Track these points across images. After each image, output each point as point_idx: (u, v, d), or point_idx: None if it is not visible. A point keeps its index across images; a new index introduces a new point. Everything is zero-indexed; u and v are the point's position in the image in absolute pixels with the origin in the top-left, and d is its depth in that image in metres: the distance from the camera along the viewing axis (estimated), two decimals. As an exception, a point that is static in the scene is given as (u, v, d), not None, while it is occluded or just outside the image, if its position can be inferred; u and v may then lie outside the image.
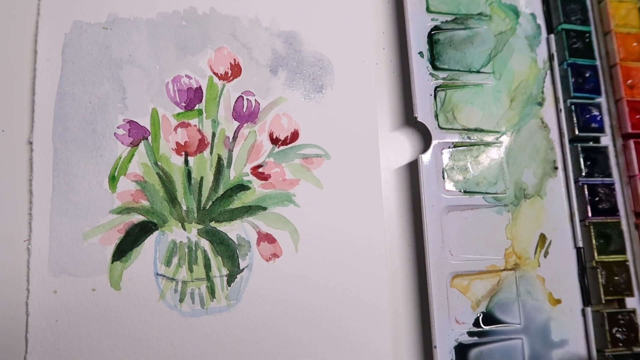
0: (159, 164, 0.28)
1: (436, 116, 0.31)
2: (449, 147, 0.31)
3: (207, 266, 0.28)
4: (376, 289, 0.29)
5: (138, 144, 0.28)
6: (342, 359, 0.28)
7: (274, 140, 0.30)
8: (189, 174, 0.29)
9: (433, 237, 0.29)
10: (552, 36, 0.33)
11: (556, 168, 0.32)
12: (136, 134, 0.28)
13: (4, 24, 0.29)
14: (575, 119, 0.32)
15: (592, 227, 0.30)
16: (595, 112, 0.32)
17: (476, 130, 0.31)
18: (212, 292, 0.28)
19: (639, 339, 0.29)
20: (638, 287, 0.31)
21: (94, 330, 0.26)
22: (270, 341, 0.28)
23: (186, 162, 0.29)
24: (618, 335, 0.29)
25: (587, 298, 0.30)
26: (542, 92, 0.33)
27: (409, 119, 0.32)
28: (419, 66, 0.31)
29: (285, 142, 0.30)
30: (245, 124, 0.30)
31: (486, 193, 0.30)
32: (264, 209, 0.29)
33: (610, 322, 0.29)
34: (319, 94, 0.31)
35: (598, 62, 0.33)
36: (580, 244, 0.31)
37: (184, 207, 0.28)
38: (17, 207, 0.27)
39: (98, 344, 0.26)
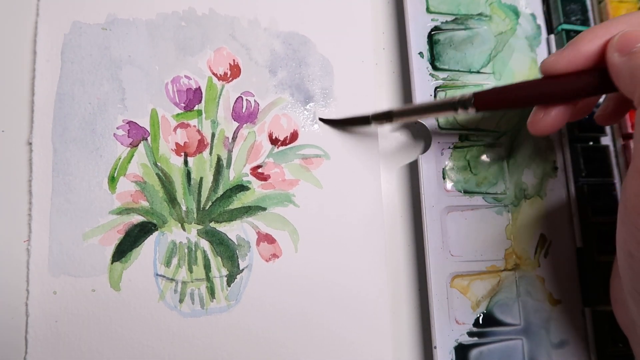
0: (159, 164, 0.28)
1: (436, 116, 0.31)
2: (449, 147, 0.31)
3: (207, 266, 0.28)
4: (376, 289, 0.29)
5: (137, 145, 0.28)
6: (342, 359, 0.28)
7: (274, 141, 0.30)
8: (188, 174, 0.29)
9: (433, 237, 0.29)
10: (552, 36, 0.33)
11: (556, 168, 0.32)
12: (135, 135, 0.28)
13: (3, 24, 0.29)
14: (575, 118, 0.32)
15: (593, 227, 0.30)
16: (596, 112, 0.32)
17: (476, 130, 0.31)
18: (211, 292, 0.28)
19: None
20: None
21: (93, 331, 0.26)
22: (270, 341, 0.28)
23: (186, 162, 0.29)
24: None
25: (587, 298, 0.30)
26: (542, 92, 0.33)
27: (408, 119, 0.32)
28: (419, 66, 0.31)
29: (284, 143, 0.30)
30: (245, 125, 0.30)
31: (486, 193, 0.30)
32: (264, 209, 0.29)
33: (611, 322, 0.29)
34: (318, 94, 0.31)
35: (598, 62, 0.33)
36: (580, 244, 0.31)
37: (184, 208, 0.28)
38: (17, 208, 0.27)
39: (98, 344, 0.26)
